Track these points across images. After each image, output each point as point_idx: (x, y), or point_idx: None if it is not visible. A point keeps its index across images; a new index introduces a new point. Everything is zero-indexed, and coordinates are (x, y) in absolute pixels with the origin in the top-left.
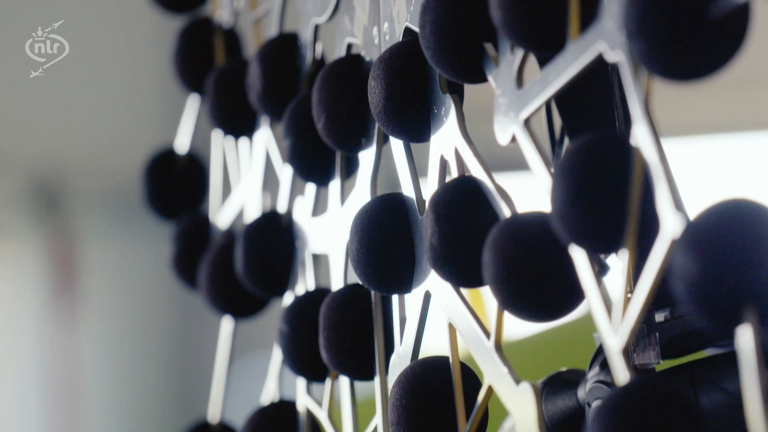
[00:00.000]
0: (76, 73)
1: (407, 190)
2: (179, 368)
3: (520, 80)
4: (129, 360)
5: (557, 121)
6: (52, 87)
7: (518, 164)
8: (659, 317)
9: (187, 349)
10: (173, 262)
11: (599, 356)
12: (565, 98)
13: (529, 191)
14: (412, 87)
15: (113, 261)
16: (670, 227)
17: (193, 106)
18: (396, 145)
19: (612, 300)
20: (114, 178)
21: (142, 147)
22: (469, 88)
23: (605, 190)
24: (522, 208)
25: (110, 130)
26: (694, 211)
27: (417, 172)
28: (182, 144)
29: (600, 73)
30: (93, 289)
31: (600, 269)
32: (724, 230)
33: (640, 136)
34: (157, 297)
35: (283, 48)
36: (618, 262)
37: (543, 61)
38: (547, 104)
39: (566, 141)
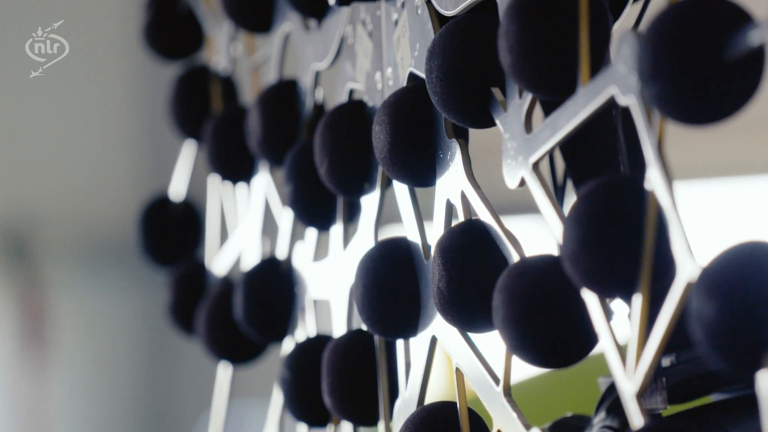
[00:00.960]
0: (46, 120)
1: (411, 234)
2: (150, 420)
3: (528, 124)
4: (98, 412)
5: (558, 163)
6: (21, 133)
7: (517, 207)
8: (665, 362)
9: (158, 401)
10: (169, 308)
11: (605, 401)
12: (569, 142)
13: (529, 233)
14: (418, 132)
15: (83, 311)
16: (686, 271)
17: (188, 152)
18: (400, 189)
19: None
20: (84, 227)
21: (113, 196)
22: (473, 130)
23: (619, 233)
24: (529, 251)
25: (80, 178)
26: (707, 254)
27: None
28: (177, 190)
29: (604, 118)
30: (62, 340)
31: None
32: (742, 274)
33: (654, 180)
34: (127, 348)
35: (283, 94)
36: (622, 306)
37: (547, 106)
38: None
39: (569, 184)
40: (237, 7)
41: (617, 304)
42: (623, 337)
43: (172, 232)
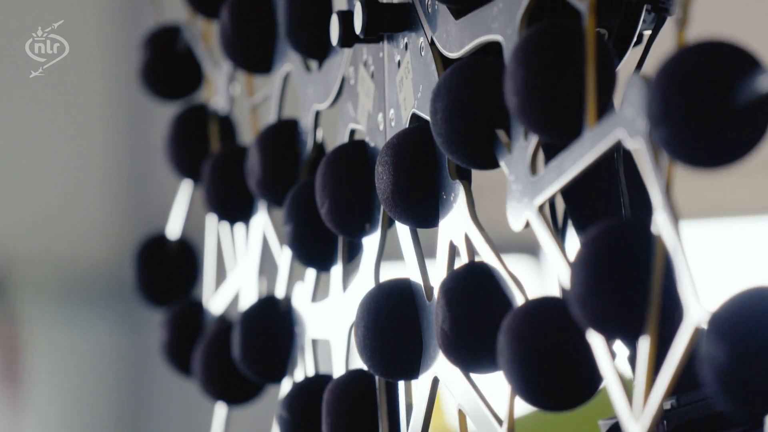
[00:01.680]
0: (23, 155)
1: (413, 274)
2: None
3: (534, 167)
4: None
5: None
6: None
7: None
8: (666, 405)
9: None
10: (164, 348)
11: None
12: (570, 184)
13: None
14: (421, 173)
15: (59, 349)
16: (694, 316)
17: (185, 191)
18: (402, 229)
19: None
20: (61, 264)
21: (91, 233)
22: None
23: (627, 276)
24: (532, 293)
25: (57, 214)
26: (713, 295)
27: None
28: (173, 230)
29: (605, 160)
30: (38, 379)
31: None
32: (751, 318)
33: (661, 224)
34: (104, 388)
35: (284, 134)
36: (622, 348)
37: (549, 149)
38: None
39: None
40: (237, 48)
41: (617, 346)
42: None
43: (168, 272)
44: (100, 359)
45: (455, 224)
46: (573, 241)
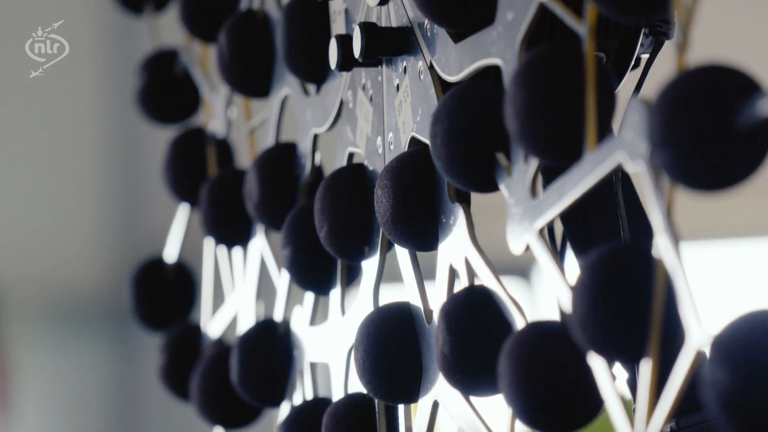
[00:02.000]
0: (12, 177)
1: (413, 297)
2: None
3: (534, 190)
4: None
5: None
6: None
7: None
8: (665, 427)
9: None
10: (162, 371)
11: None
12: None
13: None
14: (420, 196)
15: (50, 373)
16: (695, 339)
17: (182, 215)
18: (401, 252)
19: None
20: (51, 287)
21: (81, 256)
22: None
23: (628, 299)
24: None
25: (48, 238)
26: (714, 317)
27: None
28: (171, 253)
29: (604, 183)
30: (28, 402)
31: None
32: (754, 341)
33: (663, 247)
34: (94, 411)
35: (282, 157)
36: (622, 371)
37: (547, 172)
38: None
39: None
40: (234, 72)
41: (616, 369)
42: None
43: (165, 295)
44: (91, 383)
45: (455, 247)
46: (571, 264)
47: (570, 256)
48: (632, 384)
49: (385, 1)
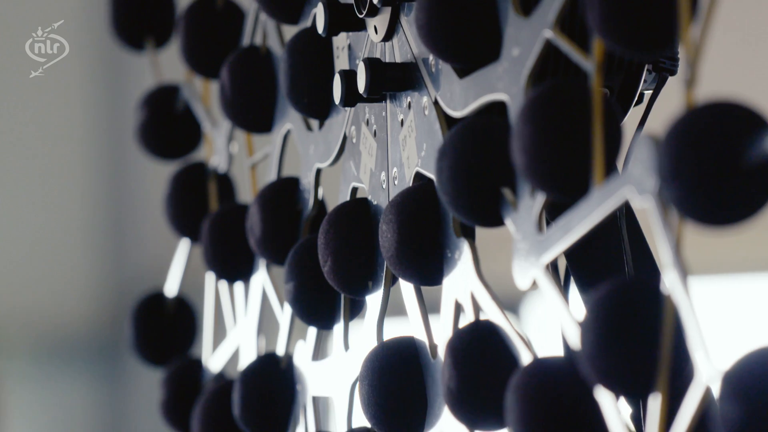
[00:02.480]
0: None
1: (417, 331)
2: None
3: (540, 225)
4: None
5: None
6: None
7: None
8: None
9: None
10: (163, 406)
11: None
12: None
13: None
14: (425, 231)
15: (38, 408)
16: (704, 375)
17: (183, 250)
18: (406, 286)
19: None
20: (40, 322)
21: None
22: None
23: (637, 334)
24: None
25: (36, 272)
26: (723, 352)
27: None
28: (171, 288)
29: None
30: None
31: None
32: (765, 375)
33: (672, 283)
34: None
35: (284, 192)
36: (627, 406)
37: (552, 207)
38: None
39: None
40: (237, 108)
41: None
42: None
43: (165, 330)
44: (80, 419)
45: (461, 282)
46: (574, 299)
47: (573, 291)
48: (637, 419)
49: (390, 36)
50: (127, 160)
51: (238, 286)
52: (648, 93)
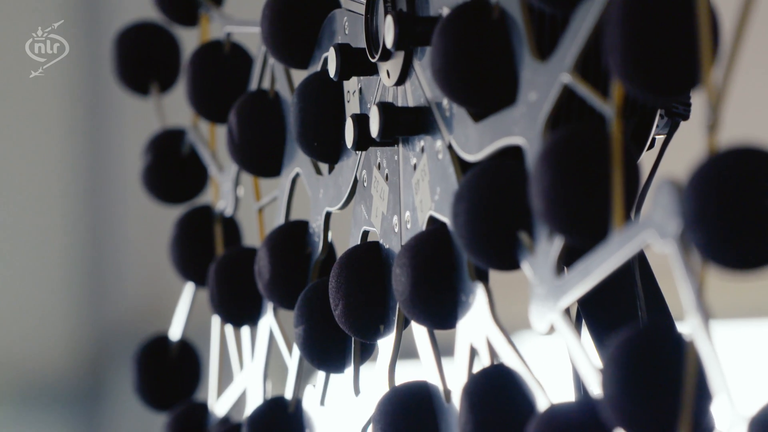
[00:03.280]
0: None
1: (430, 375)
2: None
3: (558, 269)
4: None
5: None
6: None
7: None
8: None
9: None
10: None
11: None
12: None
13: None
14: (440, 275)
15: None
16: (729, 420)
17: (188, 294)
18: (419, 330)
19: None
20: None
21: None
22: None
23: (660, 379)
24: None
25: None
26: (746, 396)
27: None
28: (176, 332)
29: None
30: None
31: None
32: None
33: (694, 329)
34: None
35: (293, 235)
36: None
37: (572, 250)
38: None
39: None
40: (245, 152)
41: None
42: None
43: (169, 374)
44: None
45: (475, 326)
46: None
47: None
48: None
49: (402, 81)
50: (108, 202)
51: (245, 329)
52: (659, 138)
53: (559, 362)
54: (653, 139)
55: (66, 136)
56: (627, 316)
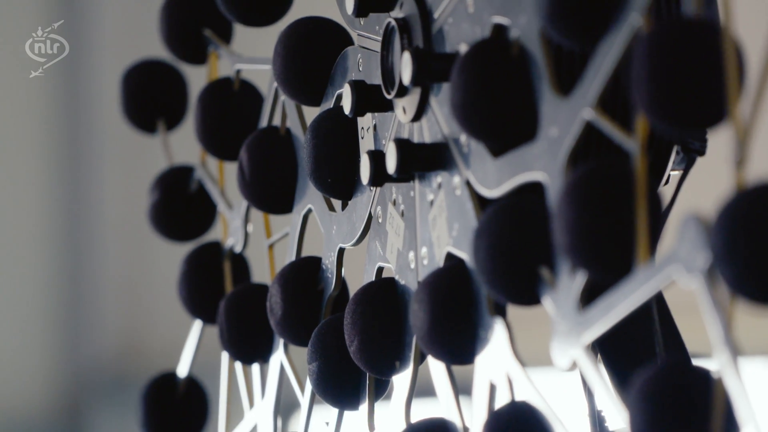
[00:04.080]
0: None
1: (448, 411)
2: None
3: (581, 304)
4: None
5: None
6: None
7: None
8: None
9: None
10: None
11: None
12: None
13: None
14: (458, 310)
15: None
16: None
17: (195, 331)
18: (436, 366)
19: None
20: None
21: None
22: None
23: (688, 416)
24: None
25: None
26: None
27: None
28: (183, 370)
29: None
30: None
31: None
32: None
33: (723, 365)
34: None
35: (306, 272)
36: None
37: (595, 286)
38: None
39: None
40: (256, 189)
41: None
42: None
43: (176, 411)
44: None
45: (495, 362)
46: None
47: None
48: None
49: (419, 117)
50: (86, 240)
51: (254, 366)
52: (674, 174)
53: (574, 398)
54: (668, 176)
55: (44, 170)
56: (644, 353)
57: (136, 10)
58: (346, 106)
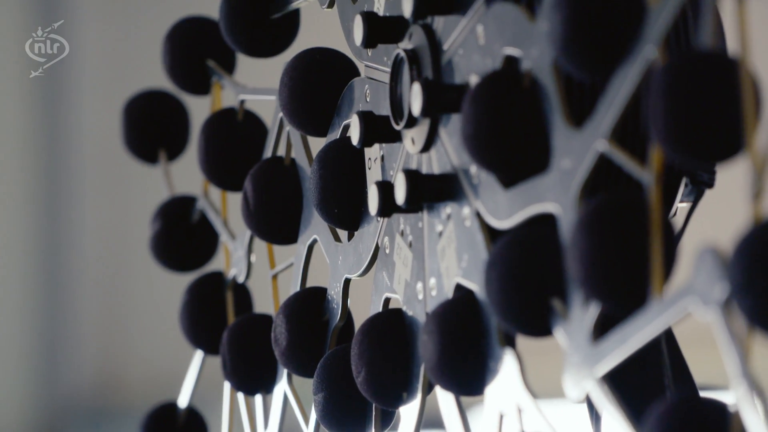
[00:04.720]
0: None
1: None
2: None
3: (594, 336)
4: None
5: None
6: None
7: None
8: None
9: None
10: None
11: None
12: None
13: None
14: (468, 341)
15: None
16: None
17: (197, 362)
18: (445, 397)
19: None
20: None
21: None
22: None
23: None
24: None
25: None
26: None
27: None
28: (183, 400)
29: None
30: None
31: None
32: None
33: (740, 398)
34: None
35: (311, 302)
36: None
37: (608, 317)
38: None
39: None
40: (261, 219)
41: None
42: None
43: None
44: None
45: (504, 394)
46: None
47: None
48: None
49: (428, 148)
50: (63, 273)
51: (256, 396)
52: (682, 206)
53: (583, 430)
54: (676, 208)
55: (22, 197)
56: (653, 385)
57: (117, 26)
58: (354, 136)
